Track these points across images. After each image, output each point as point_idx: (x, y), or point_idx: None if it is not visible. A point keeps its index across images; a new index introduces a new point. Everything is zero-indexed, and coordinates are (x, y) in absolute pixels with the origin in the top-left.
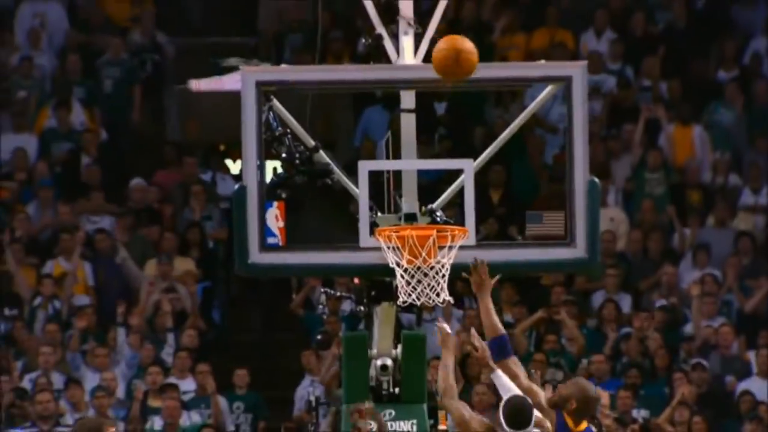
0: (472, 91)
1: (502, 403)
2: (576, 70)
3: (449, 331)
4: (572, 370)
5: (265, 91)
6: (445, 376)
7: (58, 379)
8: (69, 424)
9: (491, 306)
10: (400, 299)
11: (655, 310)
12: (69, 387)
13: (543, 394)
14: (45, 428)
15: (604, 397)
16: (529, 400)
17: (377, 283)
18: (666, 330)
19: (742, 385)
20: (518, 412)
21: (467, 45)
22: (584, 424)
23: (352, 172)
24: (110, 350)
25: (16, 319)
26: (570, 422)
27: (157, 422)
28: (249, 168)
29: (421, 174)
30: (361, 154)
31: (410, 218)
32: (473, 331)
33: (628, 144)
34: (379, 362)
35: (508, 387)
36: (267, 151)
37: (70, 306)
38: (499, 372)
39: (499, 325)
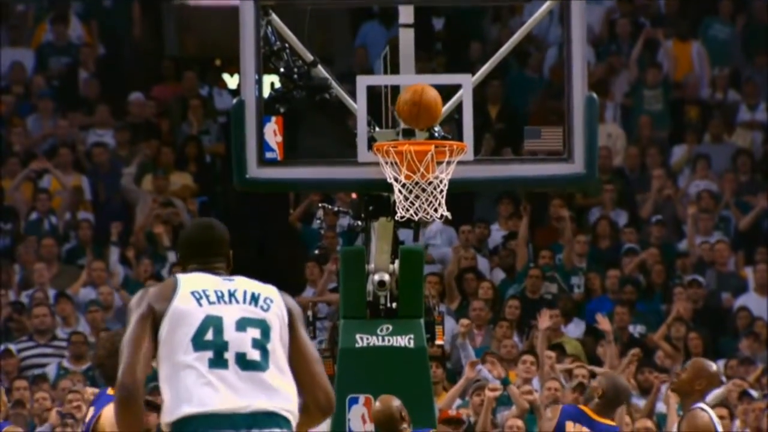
0: (471, 6)
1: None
2: None
3: None
4: (566, 282)
5: (264, 5)
6: None
7: (54, 294)
8: (61, 337)
9: None
10: (398, 214)
11: (651, 225)
12: (59, 301)
13: None
14: (41, 342)
15: (604, 323)
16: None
17: (375, 198)
18: (662, 246)
19: (739, 301)
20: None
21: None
22: None
23: (350, 87)
24: (106, 265)
25: (16, 234)
26: None
27: None
28: (247, 82)
29: None
30: (359, 69)
31: (408, 133)
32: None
33: (626, 60)
34: (376, 277)
35: None
36: (265, 66)
37: (67, 221)
38: None
39: None
